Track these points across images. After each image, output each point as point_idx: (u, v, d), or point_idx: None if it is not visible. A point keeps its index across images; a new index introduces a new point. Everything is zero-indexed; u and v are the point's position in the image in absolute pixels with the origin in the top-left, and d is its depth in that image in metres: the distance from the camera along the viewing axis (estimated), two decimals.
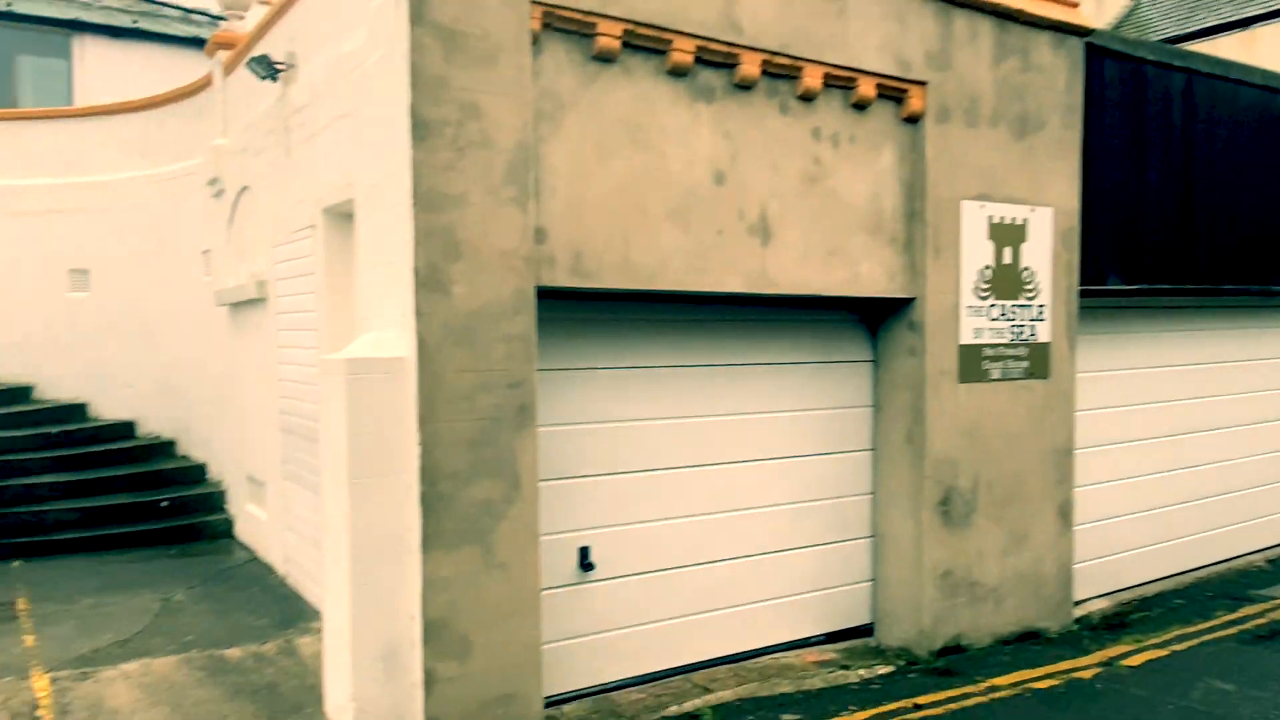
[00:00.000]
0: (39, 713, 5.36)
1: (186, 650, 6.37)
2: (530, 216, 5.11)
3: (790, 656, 6.64)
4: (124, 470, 10.41)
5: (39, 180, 11.91)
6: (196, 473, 10.58)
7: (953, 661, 6.62)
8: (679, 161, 5.70)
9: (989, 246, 6.93)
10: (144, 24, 16.81)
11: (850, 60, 6.24)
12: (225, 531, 9.75)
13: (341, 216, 6.77)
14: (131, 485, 10.16)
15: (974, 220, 6.83)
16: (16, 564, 8.59)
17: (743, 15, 5.81)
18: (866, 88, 6.32)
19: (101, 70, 16.11)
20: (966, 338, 6.80)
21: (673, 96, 5.67)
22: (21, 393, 11.36)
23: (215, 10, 18.22)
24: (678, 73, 5.64)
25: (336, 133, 6.37)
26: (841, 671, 6.46)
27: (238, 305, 9.15)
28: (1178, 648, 7.08)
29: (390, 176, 5.02)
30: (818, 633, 6.93)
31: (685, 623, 6.26)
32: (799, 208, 6.17)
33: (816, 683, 6.26)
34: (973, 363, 6.84)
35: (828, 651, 6.83)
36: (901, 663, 6.61)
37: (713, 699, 5.87)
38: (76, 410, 11.47)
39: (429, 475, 4.84)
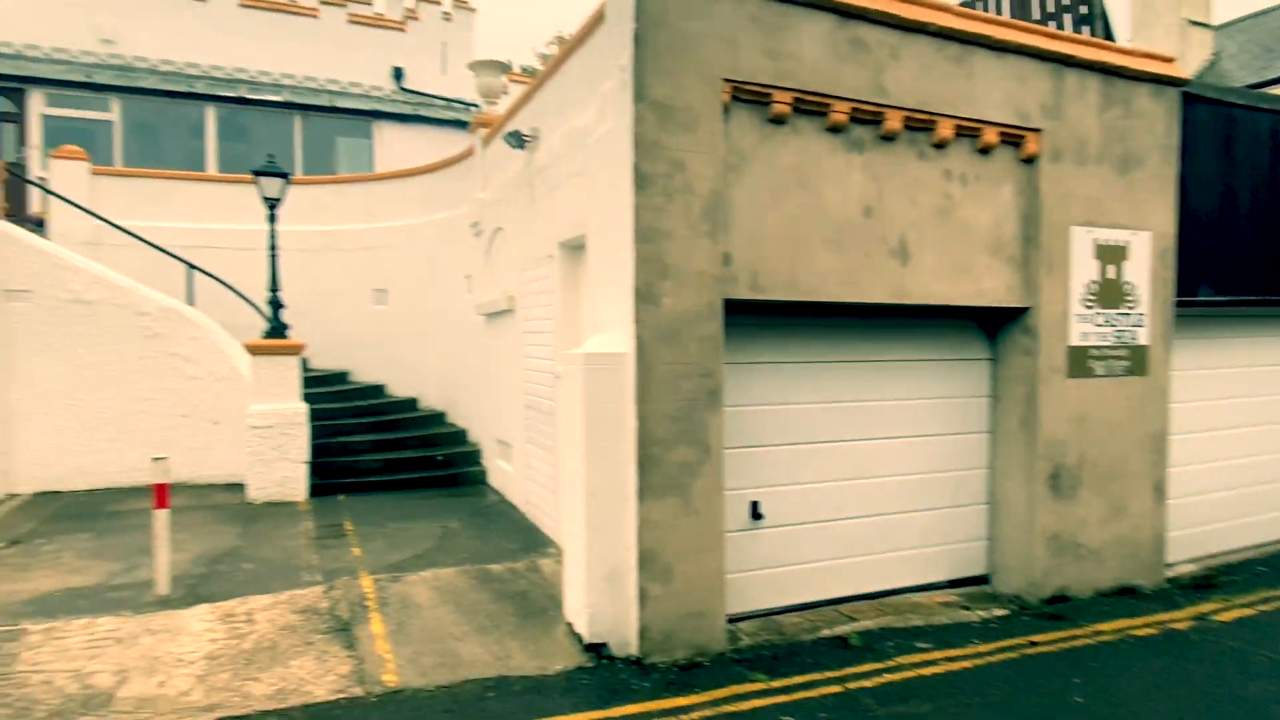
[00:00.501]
0: (367, 602, 5.78)
1: (462, 564, 6.70)
2: (720, 245, 5.11)
3: (919, 597, 6.34)
4: (411, 433, 11.09)
5: (353, 226, 12.88)
6: (460, 436, 11.13)
7: (1060, 609, 6.15)
8: (835, 199, 5.55)
9: (1095, 264, 6.39)
10: (421, 111, 17.87)
11: (977, 114, 5.90)
12: (481, 479, 10.22)
13: (573, 248, 6.97)
14: (417, 444, 10.80)
15: (1082, 243, 6.32)
16: (342, 497, 9.26)
17: (889, 82, 5.59)
18: (990, 135, 5.95)
19: (393, 146, 17.23)
20: (1075, 340, 6.30)
21: (830, 148, 5.53)
22: (341, 376, 12.31)
23: (473, 99, 19.26)
24: (835, 129, 5.49)
25: (571, 186, 6.55)
26: (963, 611, 6.12)
27: (492, 315, 9.58)
28: (1265, 608, 6.31)
29: (615, 218, 5.13)
30: (941, 579, 6.58)
31: (834, 564, 6.09)
32: (932, 234, 5.89)
33: (943, 619, 5.96)
34: (1080, 361, 6.34)
35: (950, 595, 6.48)
36: (1014, 608, 6.20)
37: (857, 626, 5.69)
38: (377, 389, 12.32)
39: (643, 442, 4.92)
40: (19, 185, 12.81)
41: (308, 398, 9.43)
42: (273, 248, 9.39)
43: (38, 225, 11.49)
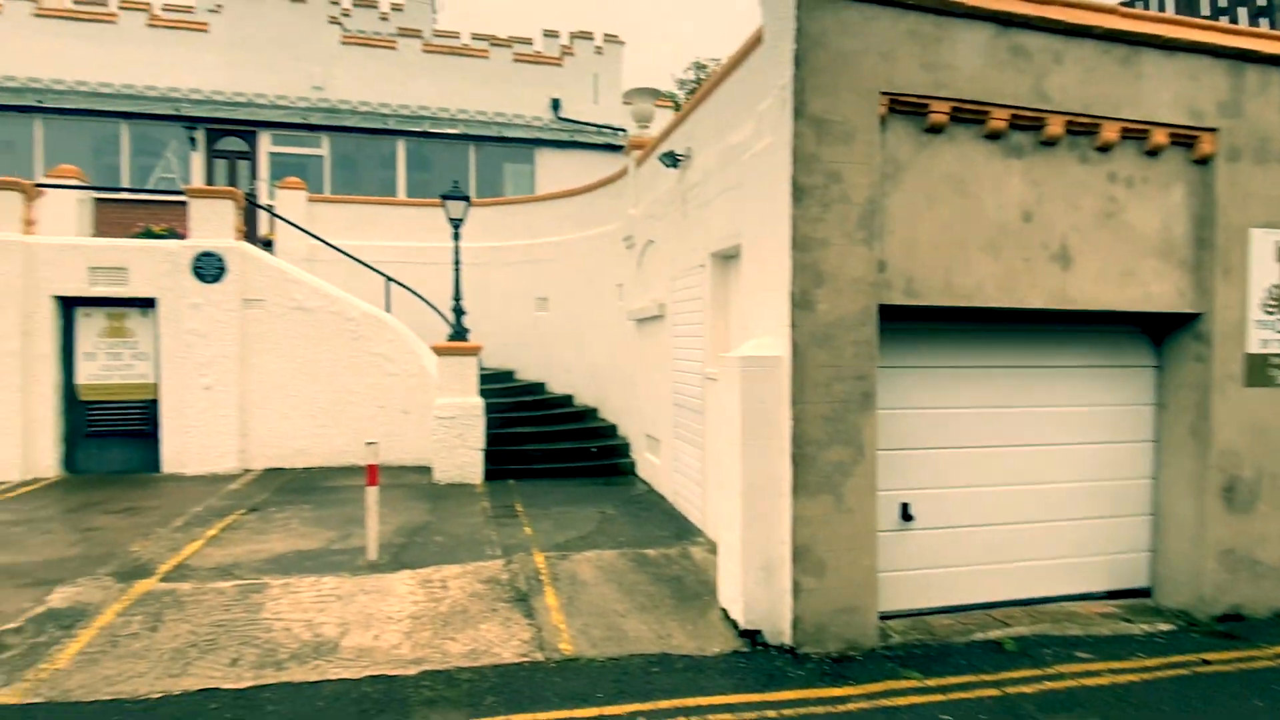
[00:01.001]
0: (540, 577, 5.98)
1: (620, 548, 6.81)
2: (875, 252, 4.91)
3: (1074, 606, 5.82)
4: (567, 426, 11.44)
5: (517, 242, 13.46)
6: (611, 430, 11.35)
7: (1232, 627, 5.46)
8: (991, 205, 5.20)
9: (1277, 268, 5.64)
10: (576, 138, 18.41)
11: (1145, 115, 5.35)
12: (630, 471, 10.37)
13: (724, 258, 6.94)
14: (573, 436, 11.13)
15: (1262, 245, 5.59)
16: (511, 482, 9.67)
17: (1050, 87, 5.19)
18: (1159, 137, 5.38)
19: (551, 169, 17.88)
20: (1254, 347, 5.58)
21: (987, 154, 5.19)
22: (508, 374, 12.89)
23: (620, 124, 19.67)
24: (993, 136, 5.15)
25: (724, 199, 6.52)
26: (1124, 624, 5.55)
27: (642, 320, 9.71)
28: None
29: (772, 228, 5.04)
30: (1097, 589, 6.01)
31: (985, 568, 5.70)
32: (1095, 238, 5.40)
33: (1103, 630, 5.43)
34: (1259, 369, 5.60)
35: (1108, 606, 5.90)
36: (1181, 623, 5.56)
37: (1011, 632, 5.29)
38: (539, 387, 12.80)
39: (797, 441, 4.80)
40: (252, 212, 14.30)
41: (481, 393, 9.91)
42: (456, 262, 9.96)
43: (266, 245, 12.78)
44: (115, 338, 9.98)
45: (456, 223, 9.76)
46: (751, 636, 4.94)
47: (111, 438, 9.98)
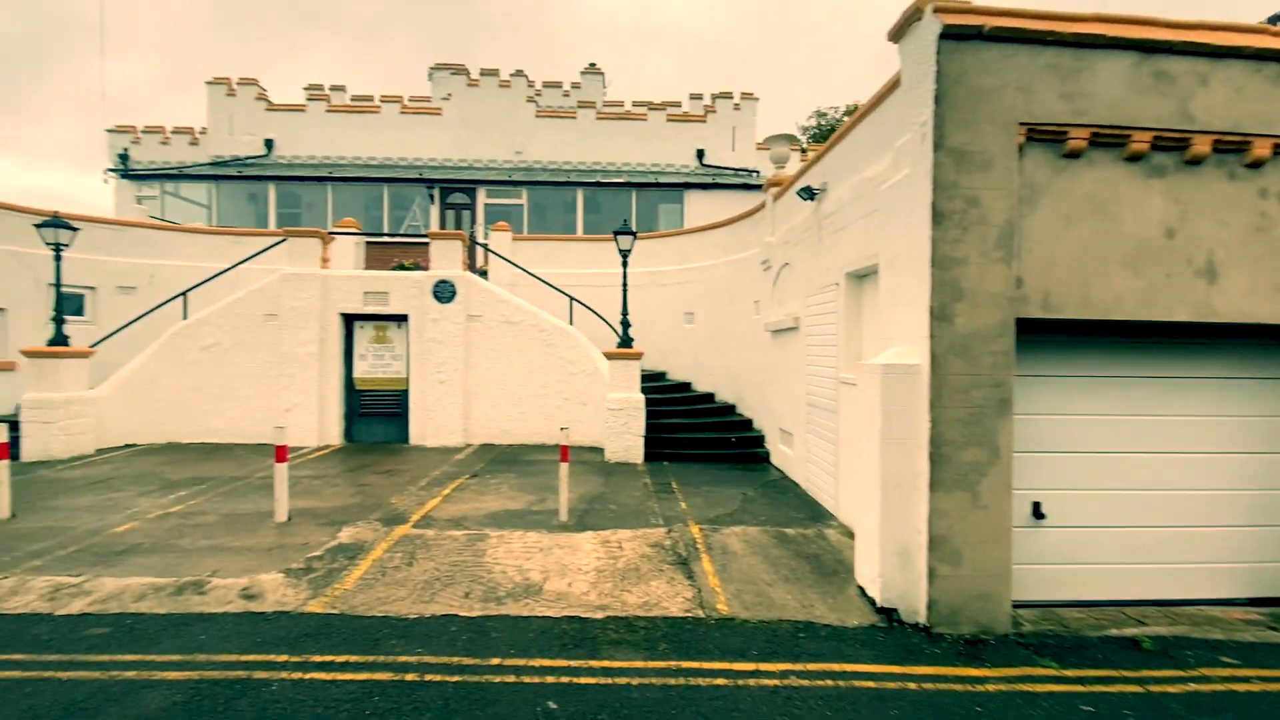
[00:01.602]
0: (697, 545, 5.87)
1: (763, 525, 6.56)
2: (1012, 270, 4.37)
3: (1214, 610, 4.87)
4: (710, 419, 11.27)
5: (669, 267, 13.48)
6: (747, 424, 11.04)
7: None
8: (1131, 223, 4.47)
9: None
10: (718, 180, 18.24)
11: None
12: (765, 459, 10.03)
13: (857, 277, 6.51)
14: (715, 428, 10.95)
15: None
16: (666, 463, 9.66)
17: (1196, 108, 4.38)
18: None
19: (696, 207, 17.81)
20: None
21: (1128, 175, 4.47)
22: (660, 375, 12.94)
23: (754, 167, 19.26)
24: (1134, 158, 4.43)
25: (858, 226, 6.11)
26: (1270, 632, 4.58)
27: (777, 332, 9.36)
28: None
29: (911, 248, 4.62)
30: (1239, 596, 5.01)
31: (1119, 568, 4.90)
32: (1244, 253, 4.50)
33: (1246, 636, 4.50)
34: None
35: (1251, 612, 4.89)
36: None
37: (1148, 630, 4.51)
38: (686, 386, 12.74)
39: (935, 441, 4.36)
40: (472, 249, 15.38)
41: (639, 390, 9.98)
42: (624, 284, 10.11)
43: (482, 274, 13.67)
44: (379, 344, 11.07)
45: (625, 253, 9.92)
46: (888, 614, 4.55)
47: (375, 417, 11.07)
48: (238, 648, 3.96)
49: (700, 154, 19.32)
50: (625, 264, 10.07)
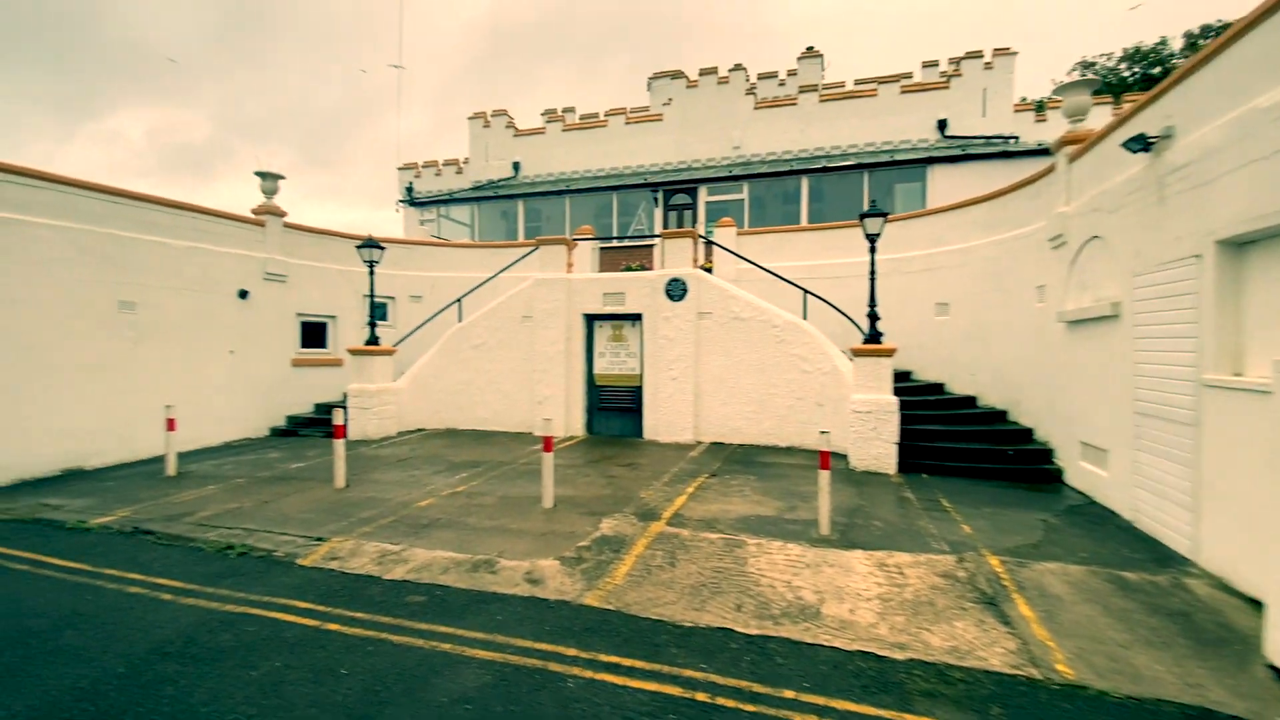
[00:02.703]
0: (1003, 582, 4.83)
1: (1086, 564, 5.19)
2: None
3: None
4: (973, 427, 9.65)
5: (915, 253, 11.98)
6: (1025, 435, 9.24)
7: None
8: None
9: None
10: (969, 150, 15.92)
11: None
12: (1056, 478, 8.22)
13: (1235, 245, 4.84)
14: (982, 437, 9.34)
15: None
16: (924, 476, 8.47)
17: None
18: None
19: (942, 184, 15.73)
20: None
21: None
22: (905, 375, 11.53)
23: (1015, 133, 16.48)
24: None
25: (1244, 174, 4.50)
26: None
27: (1077, 322, 7.61)
28: None
29: None
30: None
31: None
32: None
33: None
34: None
35: None
36: None
37: None
38: (937, 387, 11.18)
39: None
40: (694, 245, 15.39)
41: (891, 391, 8.87)
42: (872, 273, 9.10)
43: (706, 271, 13.53)
44: (616, 341, 11.50)
45: (873, 238, 8.89)
46: None
47: (613, 411, 11.53)
48: (531, 634, 4.08)
49: (942, 125, 17.07)
50: (874, 250, 9.04)
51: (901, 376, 11.36)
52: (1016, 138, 16.63)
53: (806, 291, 10.81)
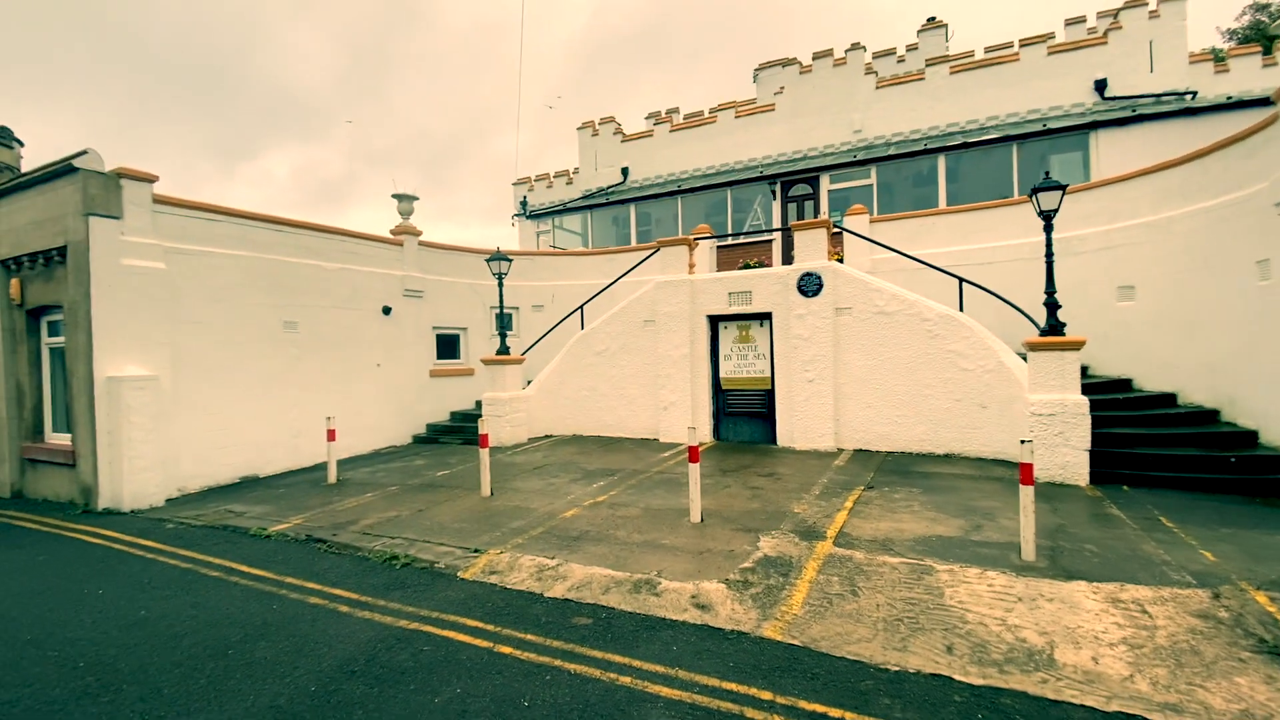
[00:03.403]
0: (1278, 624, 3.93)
1: None
2: None
3: None
4: (1177, 430, 8.21)
5: (1088, 230, 10.55)
6: (1249, 438, 7.75)
7: None
8: None
9: None
10: (1140, 111, 13.91)
11: None
12: None
13: None
14: (1189, 441, 7.92)
15: None
16: (1125, 488, 7.31)
17: None
18: None
19: (1110, 151, 13.84)
20: None
21: None
22: (1082, 370, 10.09)
23: (1194, 88, 14.23)
24: None
25: None
26: None
27: None
28: None
29: None
30: None
31: None
32: None
33: None
34: None
35: None
36: None
37: None
38: (1124, 383, 9.70)
39: None
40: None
41: (1079, 390, 7.74)
42: (1049, 255, 8.01)
43: (839, 262, 12.70)
44: (743, 343, 11.04)
45: (1049, 214, 7.80)
46: None
47: (741, 416, 11.07)
48: (714, 669, 3.76)
49: (1101, 85, 15.00)
50: (1049, 228, 7.96)
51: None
52: (1195, 93, 14.31)
53: (962, 280, 9.77)
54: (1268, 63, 14.15)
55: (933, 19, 20.70)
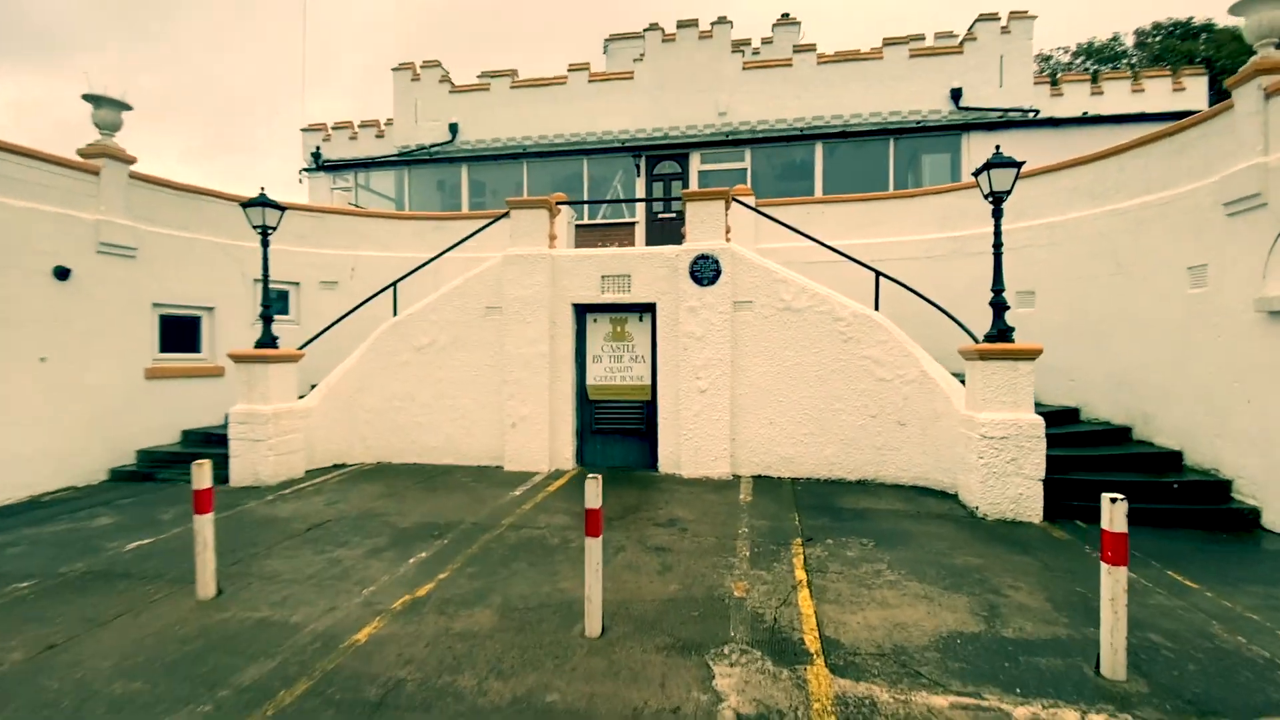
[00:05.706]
0: None
1: None
2: None
3: None
4: (1088, 451, 7.65)
5: (983, 229, 10.01)
6: (1171, 460, 7.30)
7: None
8: None
9: None
10: (1010, 118, 14.28)
11: None
12: (1248, 518, 6.25)
13: None
14: (1112, 465, 7.34)
15: None
16: (1080, 523, 6.32)
17: None
18: None
19: (978, 154, 14.00)
20: None
21: None
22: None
23: (1035, 106, 15.01)
24: None
25: None
26: None
27: None
28: None
29: None
30: None
31: None
32: None
33: None
34: None
35: None
36: None
37: None
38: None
39: None
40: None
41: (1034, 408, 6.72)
42: (997, 244, 6.91)
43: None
44: (616, 340, 8.81)
45: (998, 196, 6.69)
46: None
47: (612, 434, 8.81)
48: None
49: (956, 94, 15.39)
50: (999, 213, 6.85)
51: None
52: (1038, 111, 15.21)
53: (879, 273, 8.50)
54: (1095, 91, 15.48)
55: (786, 15, 20.40)
